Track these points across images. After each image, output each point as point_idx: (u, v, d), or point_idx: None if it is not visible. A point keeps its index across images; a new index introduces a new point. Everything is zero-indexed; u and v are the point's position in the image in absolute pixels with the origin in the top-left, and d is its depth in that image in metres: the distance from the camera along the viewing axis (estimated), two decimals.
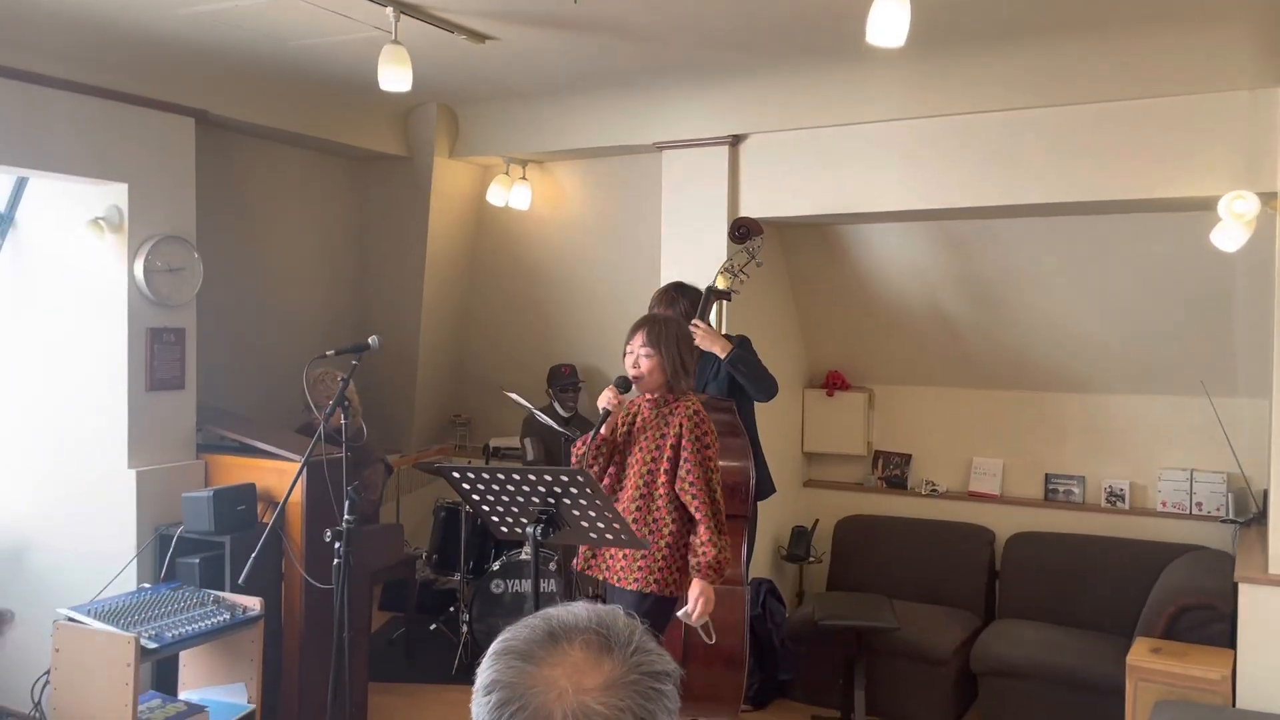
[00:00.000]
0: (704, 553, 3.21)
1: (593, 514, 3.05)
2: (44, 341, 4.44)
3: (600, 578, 3.41)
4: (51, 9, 3.46)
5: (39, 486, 4.46)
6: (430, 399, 6.28)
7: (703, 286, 4.26)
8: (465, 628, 5.14)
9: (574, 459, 3.45)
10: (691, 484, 3.24)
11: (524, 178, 5.67)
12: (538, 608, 3.29)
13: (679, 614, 3.27)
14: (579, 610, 1.10)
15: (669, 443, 3.29)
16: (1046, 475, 5.25)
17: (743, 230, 4.40)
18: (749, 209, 4.80)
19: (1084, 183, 4.12)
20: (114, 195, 4.22)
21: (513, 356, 6.20)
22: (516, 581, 5.06)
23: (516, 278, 6.08)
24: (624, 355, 3.36)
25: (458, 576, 5.26)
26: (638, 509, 3.30)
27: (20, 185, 4.43)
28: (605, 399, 3.36)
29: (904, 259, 5.14)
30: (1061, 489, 5.21)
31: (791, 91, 4.61)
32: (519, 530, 3.21)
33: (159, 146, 4.33)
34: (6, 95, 3.83)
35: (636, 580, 3.28)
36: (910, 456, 5.61)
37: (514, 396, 4.98)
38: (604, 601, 3.48)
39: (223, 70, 4.53)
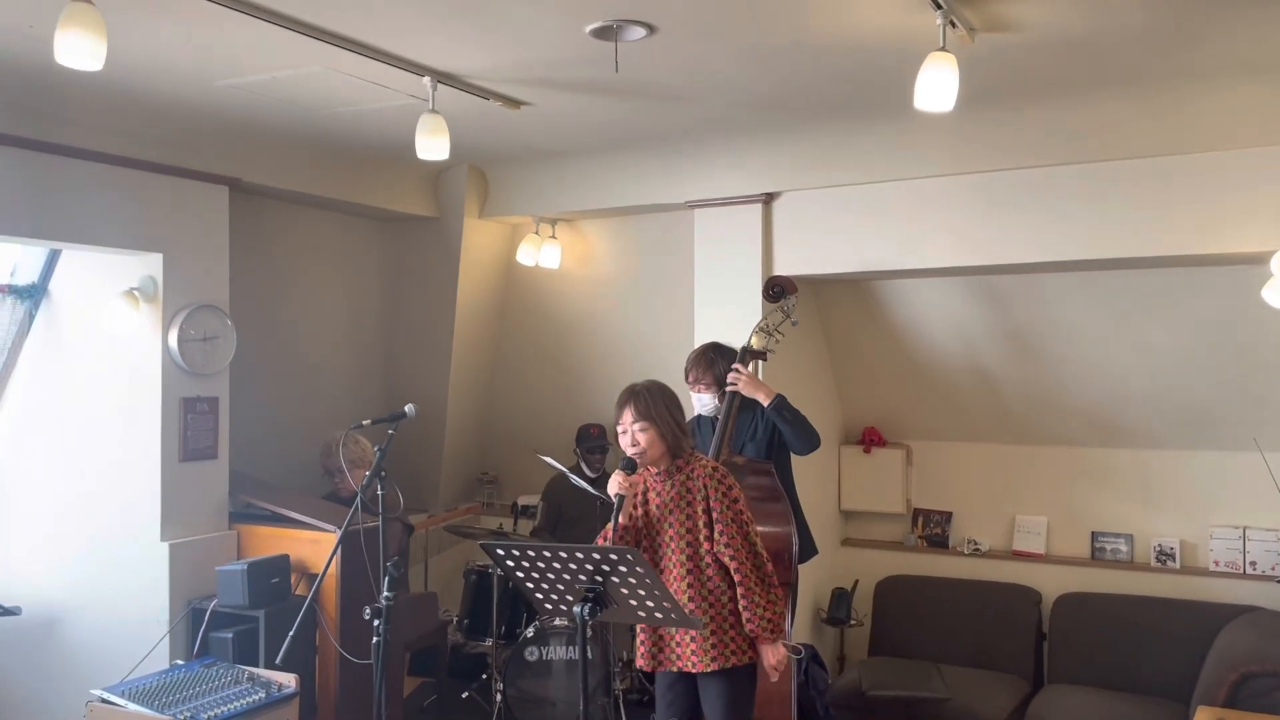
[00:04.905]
0: (747, 618, 3.12)
1: (642, 593, 2.96)
2: (75, 412, 4.39)
3: (675, 669, 3.23)
4: (85, 83, 3.45)
5: (69, 560, 4.40)
6: (457, 457, 6.21)
7: (738, 346, 4.21)
8: (498, 695, 5.02)
9: None
10: (728, 544, 3.14)
11: (554, 236, 5.64)
12: (586, 686, 3.17)
13: None
14: None
15: (700, 508, 3.19)
16: (1093, 533, 5.13)
17: (777, 289, 4.35)
18: (783, 267, 4.74)
19: (1132, 239, 4.06)
20: (149, 265, 4.20)
21: (541, 415, 6.13)
22: (550, 648, 4.94)
23: (546, 336, 6.03)
24: (618, 436, 3.25)
25: (489, 642, 5.16)
26: (689, 585, 3.19)
27: (53, 255, 4.42)
28: (615, 485, 3.22)
29: (942, 314, 5.07)
30: (1109, 547, 5.08)
31: (826, 149, 4.57)
32: (564, 608, 3.12)
33: (193, 216, 4.32)
34: (40, 168, 3.82)
35: (715, 659, 3.14)
36: (951, 514, 5.49)
37: (547, 459, 4.90)
38: (660, 693, 3.32)
39: (256, 138, 4.53)
